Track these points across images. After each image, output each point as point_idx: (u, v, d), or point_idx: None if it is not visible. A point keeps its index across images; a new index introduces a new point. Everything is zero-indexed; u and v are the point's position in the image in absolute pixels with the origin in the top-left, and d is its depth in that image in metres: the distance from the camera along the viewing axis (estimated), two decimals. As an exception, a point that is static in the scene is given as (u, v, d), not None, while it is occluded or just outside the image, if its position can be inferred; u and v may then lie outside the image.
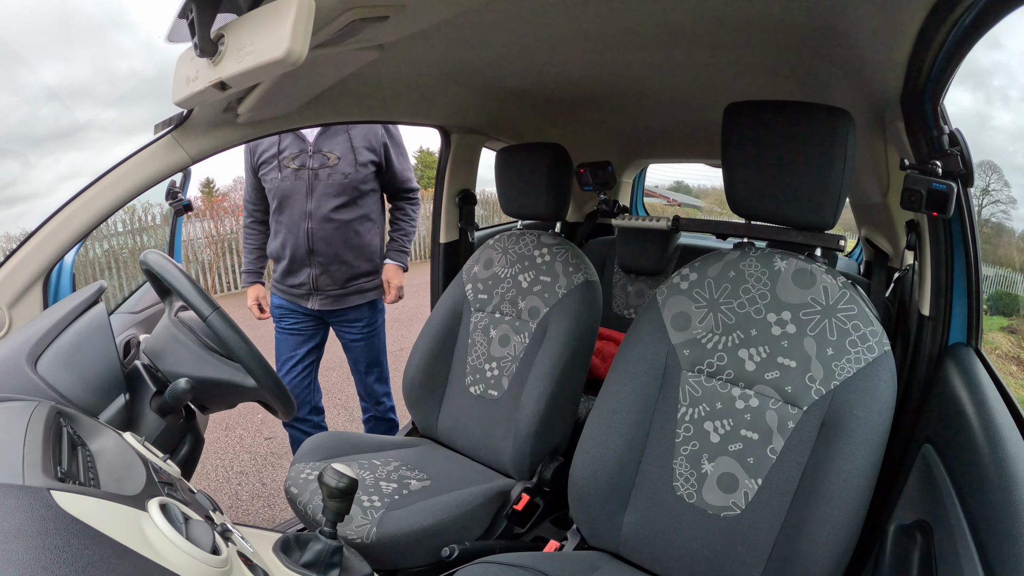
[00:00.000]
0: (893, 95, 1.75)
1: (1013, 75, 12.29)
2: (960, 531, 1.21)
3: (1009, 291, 5.21)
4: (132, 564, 0.88)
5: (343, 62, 1.67)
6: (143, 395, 1.70)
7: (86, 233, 1.93)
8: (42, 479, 0.92)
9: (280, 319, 3.43)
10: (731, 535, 1.76)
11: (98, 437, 1.27)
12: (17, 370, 1.48)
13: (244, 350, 1.68)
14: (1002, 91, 13.33)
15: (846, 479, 1.58)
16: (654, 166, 4.73)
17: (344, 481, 1.50)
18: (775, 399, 1.76)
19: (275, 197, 3.20)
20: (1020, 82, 11.72)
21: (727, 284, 1.88)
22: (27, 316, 1.89)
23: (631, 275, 3.87)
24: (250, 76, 1.29)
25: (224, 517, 1.40)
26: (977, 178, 1.67)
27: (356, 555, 1.63)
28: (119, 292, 8.88)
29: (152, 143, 1.98)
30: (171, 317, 1.82)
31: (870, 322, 1.67)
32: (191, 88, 1.51)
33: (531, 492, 2.28)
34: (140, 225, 10.46)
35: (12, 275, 1.87)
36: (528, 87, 2.59)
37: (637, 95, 2.72)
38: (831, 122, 1.70)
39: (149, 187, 2.00)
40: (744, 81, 2.28)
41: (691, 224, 3.36)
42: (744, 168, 1.84)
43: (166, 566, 0.93)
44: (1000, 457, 1.21)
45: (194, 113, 1.95)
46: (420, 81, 2.44)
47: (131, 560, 0.88)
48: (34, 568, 0.77)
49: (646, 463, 1.91)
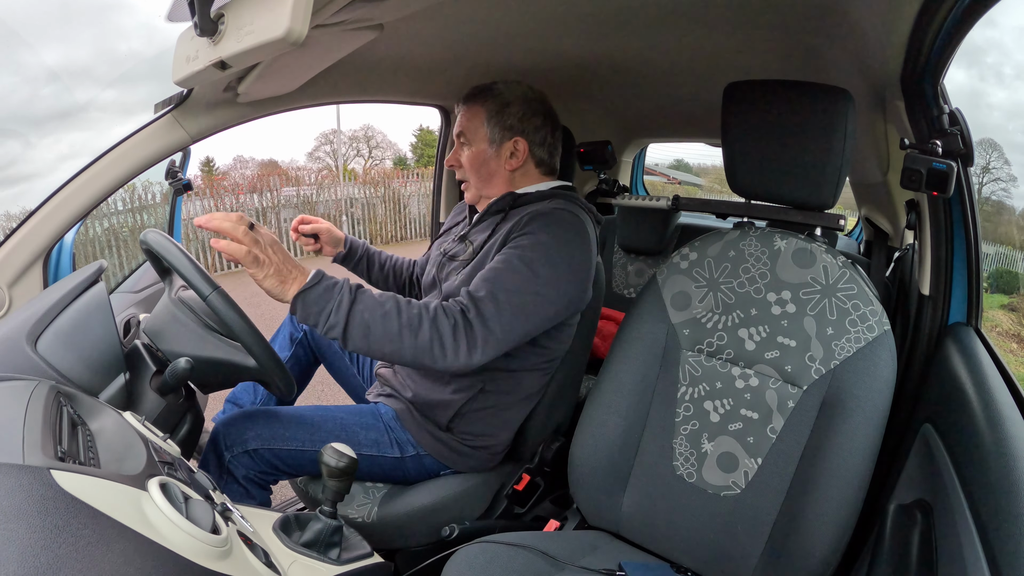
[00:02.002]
0: (893, 74, 1.74)
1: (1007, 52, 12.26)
2: (960, 510, 1.21)
3: (1009, 269, 5.21)
4: (132, 543, 0.88)
5: (343, 41, 1.66)
6: (143, 374, 1.70)
7: (86, 213, 1.93)
8: (42, 458, 0.92)
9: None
10: (731, 514, 1.77)
11: (98, 416, 1.27)
12: (17, 349, 1.48)
13: (244, 330, 1.68)
14: (996, 68, 13.30)
15: (846, 458, 1.59)
16: (654, 145, 4.72)
17: (344, 460, 1.50)
18: (775, 379, 1.76)
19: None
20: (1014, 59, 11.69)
21: (727, 264, 1.88)
22: (27, 295, 1.89)
23: (631, 255, 3.87)
24: (250, 55, 1.28)
25: (224, 496, 1.40)
26: (977, 156, 1.66)
27: (356, 535, 1.63)
28: (119, 271, 8.87)
29: (152, 123, 1.97)
30: (171, 297, 1.81)
31: (870, 301, 1.67)
32: (191, 67, 1.51)
33: (531, 472, 2.28)
34: (140, 204, 10.45)
35: (12, 255, 1.87)
36: (528, 67, 2.58)
37: (637, 74, 2.71)
38: (831, 102, 1.70)
39: (149, 166, 1.99)
40: (744, 60, 2.27)
41: (691, 204, 3.36)
42: (744, 147, 1.84)
43: (166, 545, 0.93)
44: (1000, 436, 1.22)
45: (194, 92, 1.94)
46: (420, 60, 2.42)
47: (131, 539, 0.88)
48: (34, 547, 0.77)
49: (646, 443, 1.91)
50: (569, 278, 1.92)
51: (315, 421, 2.06)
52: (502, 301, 1.80)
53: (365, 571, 1.54)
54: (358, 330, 1.71)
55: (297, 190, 14.59)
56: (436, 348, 1.74)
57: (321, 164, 31.16)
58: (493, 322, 1.79)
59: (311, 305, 1.70)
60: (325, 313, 1.70)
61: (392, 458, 2.12)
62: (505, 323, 1.80)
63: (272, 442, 1.98)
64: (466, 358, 1.77)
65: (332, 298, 1.70)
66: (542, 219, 1.94)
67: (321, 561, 1.47)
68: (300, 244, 2.43)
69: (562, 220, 1.96)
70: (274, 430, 1.99)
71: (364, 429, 2.11)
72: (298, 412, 2.08)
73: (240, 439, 1.96)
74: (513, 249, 1.90)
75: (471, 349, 1.77)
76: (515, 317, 1.82)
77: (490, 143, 2.08)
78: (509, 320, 1.81)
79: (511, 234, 1.96)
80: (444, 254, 2.20)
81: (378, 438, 2.11)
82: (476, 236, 2.14)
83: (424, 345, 1.74)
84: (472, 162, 2.11)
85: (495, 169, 2.12)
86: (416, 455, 2.14)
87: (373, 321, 1.72)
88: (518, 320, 1.82)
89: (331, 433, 2.05)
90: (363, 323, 1.71)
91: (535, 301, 1.85)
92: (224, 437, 1.96)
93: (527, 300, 1.83)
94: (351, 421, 2.11)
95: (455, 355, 1.76)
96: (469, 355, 1.77)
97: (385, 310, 1.73)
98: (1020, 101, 11.93)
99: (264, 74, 1.75)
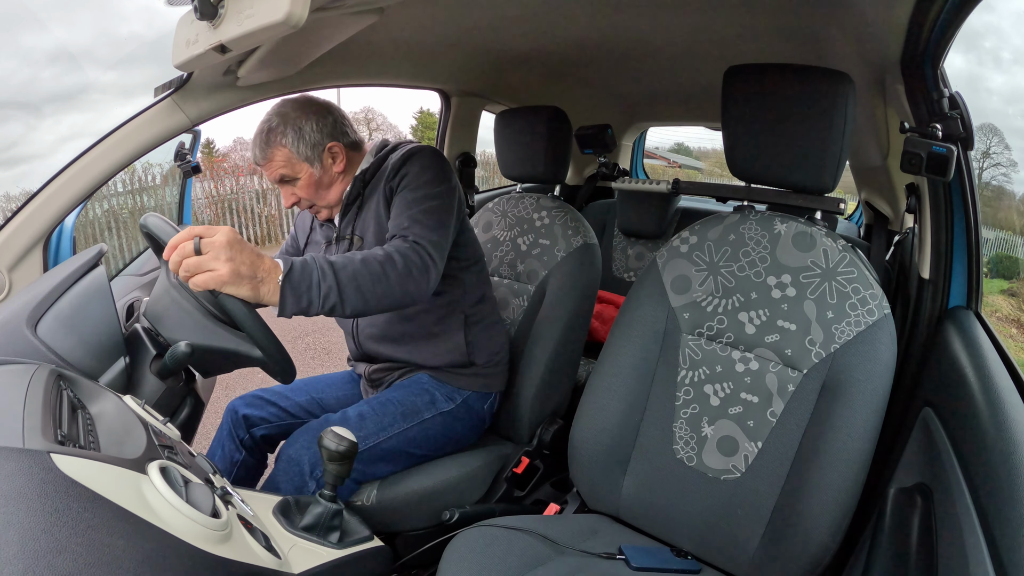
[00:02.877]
0: (893, 58, 1.74)
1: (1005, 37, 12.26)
2: (960, 494, 1.21)
3: (1009, 254, 5.22)
4: (132, 527, 0.88)
5: (343, 25, 1.65)
6: (143, 358, 1.70)
7: (86, 196, 1.93)
8: (42, 442, 0.92)
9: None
10: (731, 498, 1.77)
11: (98, 400, 1.27)
12: (17, 333, 1.48)
13: (250, 321, 1.67)
14: (994, 53, 13.29)
15: (846, 442, 1.59)
16: (654, 128, 4.71)
17: (344, 444, 1.50)
18: (775, 362, 1.76)
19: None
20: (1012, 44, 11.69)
21: (727, 247, 1.87)
22: (27, 279, 1.89)
23: (631, 238, 3.87)
24: (250, 39, 1.28)
25: (224, 480, 1.41)
26: (977, 141, 1.66)
27: (356, 518, 1.64)
28: (119, 253, 8.92)
29: (152, 106, 1.98)
30: (171, 280, 1.81)
31: (870, 285, 1.67)
32: (191, 51, 1.50)
33: (531, 455, 2.29)
34: (140, 185, 10.52)
35: (12, 238, 1.87)
36: (529, 50, 2.58)
37: (637, 58, 2.71)
38: (831, 85, 1.69)
39: (149, 150, 2.00)
40: (744, 44, 2.27)
41: (691, 187, 3.35)
42: (744, 131, 1.83)
43: (166, 529, 0.93)
44: (1000, 420, 1.22)
45: (194, 76, 1.94)
46: (420, 44, 2.42)
47: (131, 523, 0.89)
48: (34, 531, 0.77)
49: (646, 426, 1.92)
50: (447, 180, 2.10)
51: (375, 413, 2.12)
52: (424, 222, 1.95)
53: (365, 555, 1.55)
54: (350, 286, 1.71)
55: (298, 172, 14.55)
56: (415, 270, 1.84)
57: (321, 146, 31.12)
58: (431, 233, 1.94)
59: (299, 286, 1.63)
60: (315, 287, 1.65)
61: (444, 413, 2.20)
62: (435, 232, 1.95)
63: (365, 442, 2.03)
64: (433, 270, 1.89)
65: (313, 269, 1.67)
66: (408, 161, 2.10)
67: (321, 545, 1.47)
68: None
69: (421, 150, 2.14)
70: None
71: (415, 395, 2.19)
72: (359, 412, 2.11)
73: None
74: (404, 190, 2.05)
75: (431, 260, 1.89)
76: (440, 225, 1.99)
77: (311, 164, 2.10)
78: (436, 228, 1.96)
79: (389, 187, 2.10)
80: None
81: (431, 399, 2.21)
82: (348, 228, 2.24)
83: (404, 272, 1.80)
84: (309, 189, 2.13)
85: (330, 180, 2.16)
86: (463, 401, 2.24)
87: (357, 273, 1.72)
88: (442, 227, 1.99)
89: (397, 415, 2.13)
90: (351, 278, 1.71)
91: (441, 207, 2.03)
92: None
93: (436, 209, 2.00)
94: (398, 397, 2.19)
95: (424, 272, 1.86)
96: (434, 266, 1.90)
97: (358, 258, 1.76)
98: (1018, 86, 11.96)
99: (264, 58, 1.75)
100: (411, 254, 1.84)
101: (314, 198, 2.15)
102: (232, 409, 2.24)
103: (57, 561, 0.76)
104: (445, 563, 1.64)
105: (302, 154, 2.06)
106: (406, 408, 2.13)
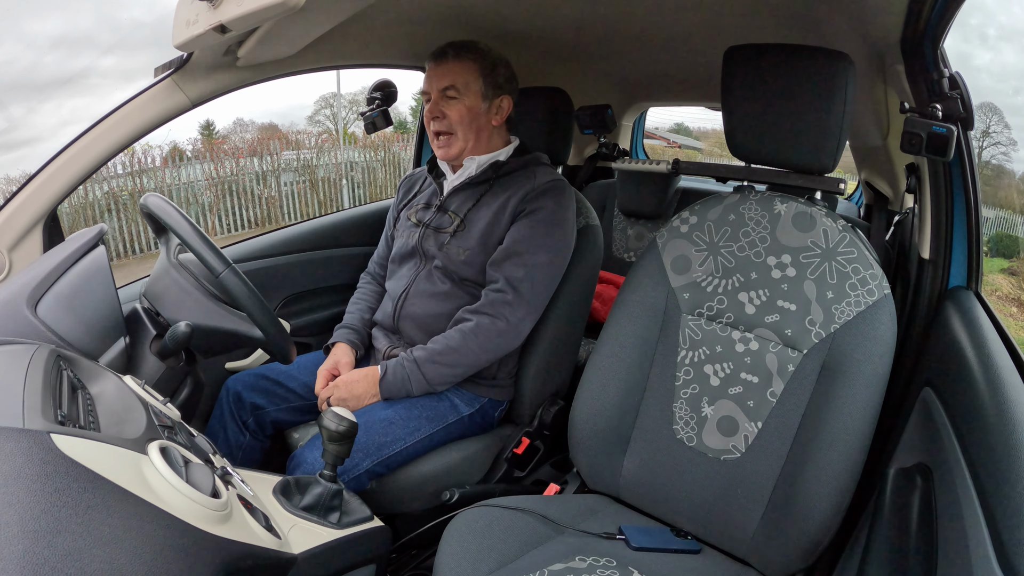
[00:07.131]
0: (893, 38, 1.73)
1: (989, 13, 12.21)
2: (960, 474, 1.21)
3: (1009, 233, 5.23)
4: (132, 507, 0.89)
5: (344, 4, 1.65)
6: (143, 338, 1.70)
7: (86, 176, 1.93)
8: (42, 422, 0.92)
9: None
10: (731, 478, 1.77)
11: (98, 380, 1.27)
12: (17, 313, 1.48)
13: (253, 303, 1.67)
14: (979, 30, 13.25)
15: (846, 422, 1.59)
16: (654, 108, 4.70)
17: (344, 424, 1.50)
18: (775, 342, 1.76)
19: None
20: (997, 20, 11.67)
21: (727, 227, 1.87)
22: (27, 259, 1.89)
23: (631, 218, 3.86)
24: (250, 19, 1.28)
25: (224, 460, 1.41)
26: (977, 120, 1.66)
27: (356, 498, 1.64)
28: (119, 234, 8.95)
29: (152, 86, 1.97)
30: (171, 259, 1.81)
31: (870, 265, 1.67)
32: (191, 31, 1.50)
33: (531, 436, 2.29)
34: (140, 167, 10.54)
35: (12, 218, 1.87)
36: (529, 30, 2.57)
37: (637, 38, 2.69)
38: (831, 65, 1.69)
39: (149, 131, 1.99)
40: (744, 24, 2.25)
41: (691, 167, 3.35)
42: (744, 111, 1.83)
43: (166, 509, 0.94)
44: (1000, 400, 1.22)
45: (194, 56, 1.93)
46: (421, 24, 2.41)
47: (131, 503, 0.89)
48: (34, 511, 0.77)
49: (646, 406, 1.92)
50: (568, 238, 2.21)
51: (402, 419, 2.12)
52: (537, 280, 2.12)
53: (365, 535, 1.55)
54: (436, 376, 2.08)
55: (297, 154, 14.52)
56: (496, 336, 2.09)
57: (321, 128, 30.94)
58: (530, 296, 2.12)
59: (393, 388, 2.08)
60: (407, 385, 2.07)
61: (464, 417, 2.23)
62: (538, 293, 2.14)
63: (379, 453, 2.02)
64: (525, 326, 2.14)
65: (403, 372, 2.07)
66: (549, 195, 2.16)
67: (321, 525, 1.48)
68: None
69: (561, 190, 2.20)
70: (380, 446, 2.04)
71: (437, 400, 2.21)
72: (385, 417, 2.09)
73: (353, 466, 1.99)
74: (532, 223, 2.14)
75: (520, 320, 2.11)
76: (546, 287, 2.17)
77: (483, 98, 2.15)
78: (541, 290, 2.15)
79: (521, 206, 2.16)
80: (424, 225, 2.30)
81: (452, 404, 2.24)
82: (457, 205, 2.25)
83: (485, 342, 2.09)
84: (465, 117, 2.15)
85: (484, 125, 2.20)
86: (480, 408, 2.27)
87: (442, 359, 2.07)
88: (547, 287, 2.17)
89: (423, 419, 2.15)
90: (435, 368, 2.07)
91: (555, 265, 2.17)
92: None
93: (551, 268, 2.16)
94: (421, 401, 2.20)
95: (508, 329, 2.10)
96: (520, 324, 2.12)
97: (441, 346, 2.08)
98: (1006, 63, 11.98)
99: (264, 38, 1.74)
100: (493, 325, 2.09)
101: (458, 127, 2.18)
102: (232, 390, 2.21)
103: (57, 541, 0.77)
104: (445, 543, 1.65)
105: (484, 82, 2.15)
106: (431, 413, 2.15)
